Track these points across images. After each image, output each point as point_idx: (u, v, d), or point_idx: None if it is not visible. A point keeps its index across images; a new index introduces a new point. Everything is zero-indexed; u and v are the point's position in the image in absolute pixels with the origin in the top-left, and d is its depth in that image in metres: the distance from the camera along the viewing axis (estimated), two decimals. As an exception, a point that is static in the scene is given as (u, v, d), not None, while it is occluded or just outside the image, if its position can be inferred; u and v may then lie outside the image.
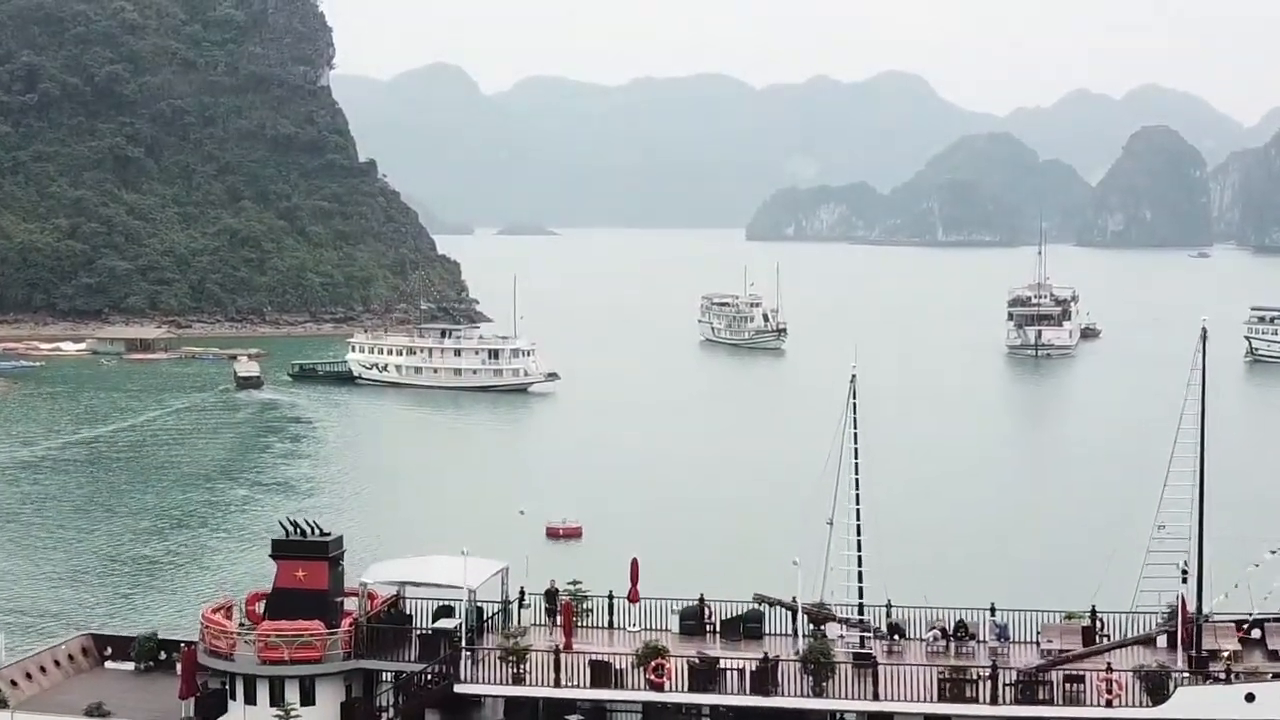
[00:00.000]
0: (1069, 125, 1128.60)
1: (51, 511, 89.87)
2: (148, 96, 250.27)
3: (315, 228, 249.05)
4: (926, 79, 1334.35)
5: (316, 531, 42.65)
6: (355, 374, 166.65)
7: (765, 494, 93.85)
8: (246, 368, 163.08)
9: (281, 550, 42.12)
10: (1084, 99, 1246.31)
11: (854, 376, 41.07)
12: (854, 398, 40.95)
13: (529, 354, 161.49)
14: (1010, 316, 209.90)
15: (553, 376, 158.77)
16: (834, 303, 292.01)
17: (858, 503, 40.92)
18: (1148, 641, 41.21)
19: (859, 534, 40.84)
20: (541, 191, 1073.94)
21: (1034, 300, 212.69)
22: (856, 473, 41.03)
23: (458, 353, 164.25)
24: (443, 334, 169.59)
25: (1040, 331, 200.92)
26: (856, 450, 41.15)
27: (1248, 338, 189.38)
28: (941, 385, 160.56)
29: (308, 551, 41.77)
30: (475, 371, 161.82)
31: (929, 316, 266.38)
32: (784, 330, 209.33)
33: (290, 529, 42.64)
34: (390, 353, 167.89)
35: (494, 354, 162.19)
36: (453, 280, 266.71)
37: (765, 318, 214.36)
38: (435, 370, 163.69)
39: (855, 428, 41.06)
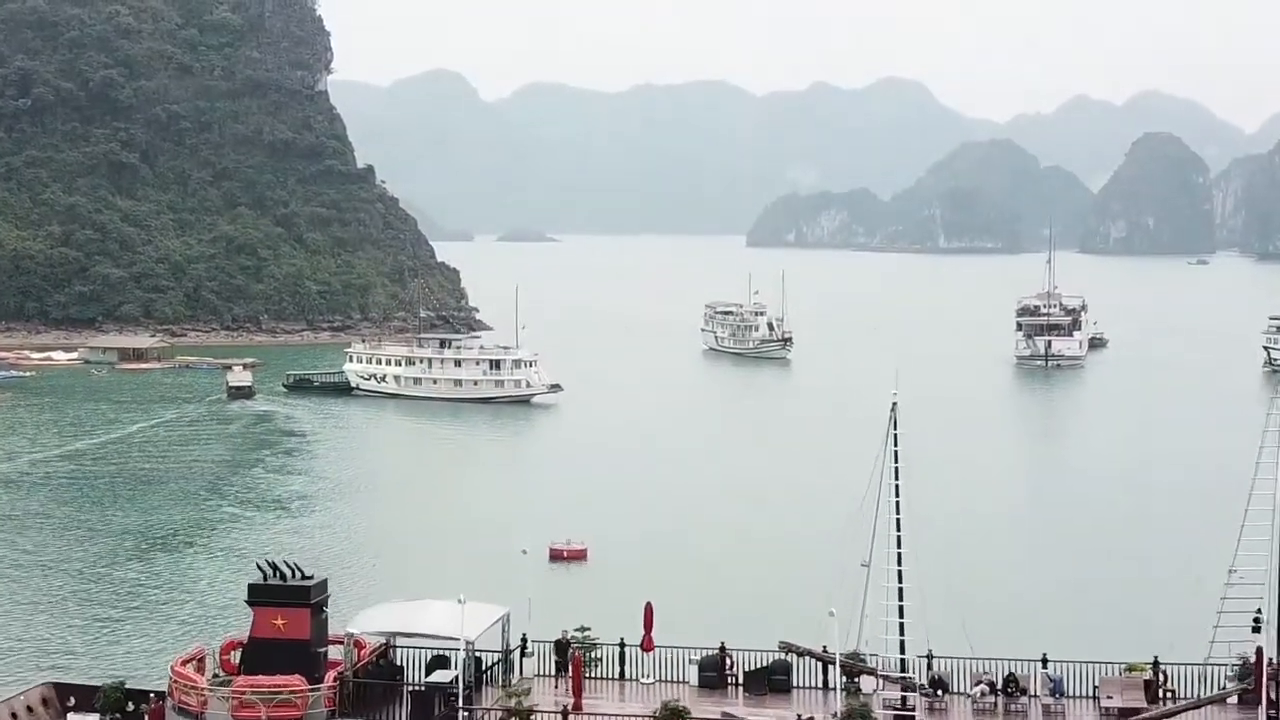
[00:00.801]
0: (1070, 132, 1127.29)
1: (28, 533, 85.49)
2: (143, 101, 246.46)
3: (313, 235, 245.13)
4: (926, 85, 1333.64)
5: (298, 574, 38.51)
6: (352, 385, 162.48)
7: (785, 520, 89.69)
8: (238, 377, 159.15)
9: (259, 596, 37.97)
10: (1084, 105, 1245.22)
11: (895, 404, 37.00)
12: (895, 428, 36.86)
13: (531, 365, 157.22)
14: (1019, 326, 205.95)
15: (555, 388, 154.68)
16: (837, 311, 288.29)
17: (899, 545, 36.83)
18: (1220, 700, 37.16)
19: (900, 581, 36.71)
20: (541, 198, 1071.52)
21: (1043, 310, 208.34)
22: (898, 511, 36.93)
23: (458, 363, 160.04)
24: (442, 344, 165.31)
25: (1050, 342, 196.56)
26: (897, 487, 37.04)
27: (1266, 347, 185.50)
28: (957, 401, 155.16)
29: (288, 597, 37.64)
30: (476, 383, 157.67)
31: (935, 325, 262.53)
32: (789, 340, 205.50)
33: (268, 571, 38.52)
34: (388, 363, 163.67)
35: (495, 364, 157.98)
36: (452, 288, 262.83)
37: (770, 327, 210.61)
38: (435, 381, 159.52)
39: (896, 461, 36.93)
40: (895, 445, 36.77)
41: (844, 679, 37.33)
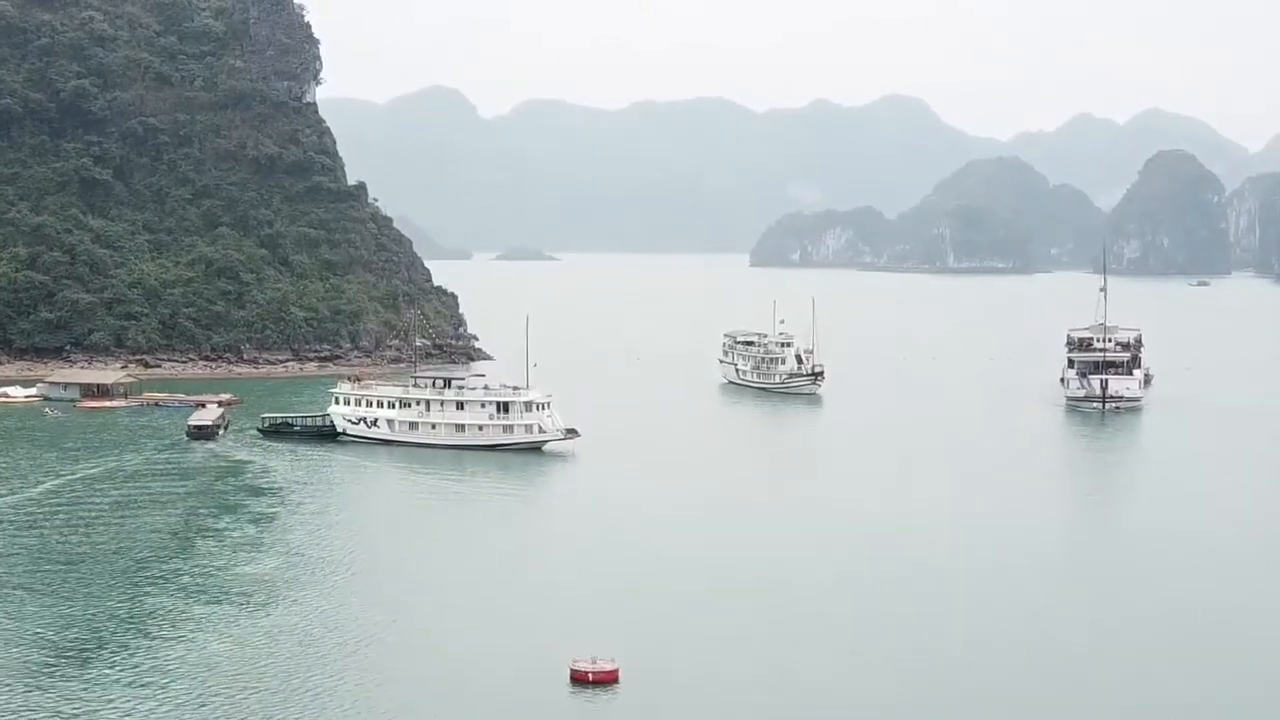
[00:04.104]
0: (1073, 149, 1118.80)
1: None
2: (117, 114, 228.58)
3: (299, 257, 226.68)
4: (928, 103, 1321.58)
5: None
6: (339, 429, 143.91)
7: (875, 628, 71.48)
8: (199, 416, 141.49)
9: None
10: (1087, 123, 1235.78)
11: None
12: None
13: (544, 408, 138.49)
14: (1071, 363, 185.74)
15: (571, 433, 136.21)
16: (859, 336, 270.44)
17: None
18: None
19: None
20: (541, 216, 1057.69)
21: (1097, 345, 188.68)
22: None
23: (460, 405, 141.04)
24: (440, 384, 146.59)
25: (1106, 381, 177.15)
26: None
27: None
28: (1034, 463, 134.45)
29: None
30: (481, 428, 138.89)
31: (967, 353, 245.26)
32: (821, 374, 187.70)
33: None
34: (381, 405, 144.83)
35: (503, 407, 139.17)
36: (450, 314, 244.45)
37: (799, 359, 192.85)
38: (434, 426, 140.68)
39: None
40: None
41: None
